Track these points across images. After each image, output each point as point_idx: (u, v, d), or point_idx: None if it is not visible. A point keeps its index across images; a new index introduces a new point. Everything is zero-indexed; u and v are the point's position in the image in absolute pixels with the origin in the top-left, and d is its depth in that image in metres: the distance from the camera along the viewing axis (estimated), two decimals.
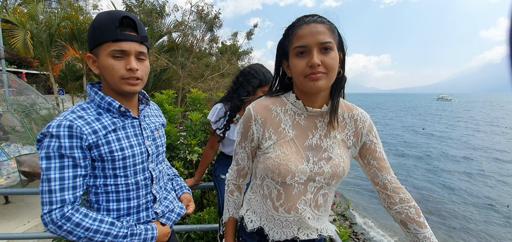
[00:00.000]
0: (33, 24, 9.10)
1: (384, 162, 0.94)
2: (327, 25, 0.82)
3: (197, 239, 2.13)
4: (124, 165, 0.95)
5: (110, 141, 0.91)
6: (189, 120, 2.76)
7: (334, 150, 0.91)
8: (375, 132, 0.95)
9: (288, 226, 0.95)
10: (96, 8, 14.05)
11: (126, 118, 0.98)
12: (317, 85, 0.81)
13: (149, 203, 1.05)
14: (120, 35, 0.87)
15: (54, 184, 0.82)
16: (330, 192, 0.97)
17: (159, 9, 11.59)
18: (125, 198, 0.98)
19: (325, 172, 0.89)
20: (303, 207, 0.92)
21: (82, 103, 0.94)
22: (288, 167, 0.88)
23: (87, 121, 0.88)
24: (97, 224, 0.88)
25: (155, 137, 1.09)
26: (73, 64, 12.00)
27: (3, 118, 6.67)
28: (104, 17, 0.88)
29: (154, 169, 1.07)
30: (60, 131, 0.83)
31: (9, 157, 4.88)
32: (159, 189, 1.10)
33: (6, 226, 4.25)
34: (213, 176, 1.89)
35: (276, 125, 0.93)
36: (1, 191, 2.08)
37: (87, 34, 5.39)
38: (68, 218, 0.83)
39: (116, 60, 0.89)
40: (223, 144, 1.92)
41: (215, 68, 12.50)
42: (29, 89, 7.68)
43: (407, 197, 0.91)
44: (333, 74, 0.83)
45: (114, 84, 0.91)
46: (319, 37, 0.80)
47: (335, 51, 0.82)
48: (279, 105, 0.94)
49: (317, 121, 0.93)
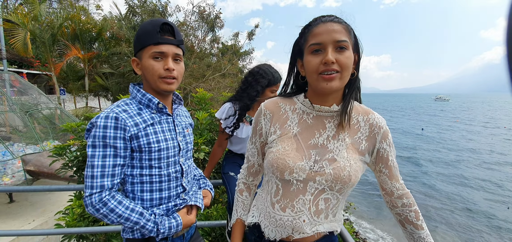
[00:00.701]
0: (35, 24, 9.14)
1: (395, 170, 0.94)
2: (344, 25, 0.84)
3: (204, 235, 2.17)
4: (159, 157, 1.04)
5: (148, 133, 1.01)
6: (195, 119, 2.81)
7: (341, 153, 0.88)
8: (389, 139, 0.92)
9: (282, 226, 0.92)
10: (99, 8, 14.08)
11: (162, 115, 1.09)
12: (329, 86, 0.81)
13: (179, 194, 1.14)
14: (160, 39, 0.98)
15: (96, 171, 0.92)
16: (334, 199, 0.89)
17: (161, 9, 11.62)
18: (158, 189, 1.07)
19: (326, 173, 0.85)
20: (300, 207, 0.89)
21: (125, 99, 1.05)
22: (286, 162, 0.88)
23: (130, 114, 0.99)
24: (128, 213, 0.96)
25: (185, 134, 1.20)
26: (75, 64, 12.02)
27: (5, 118, 6.70)
28: (147, 25, 1.00)
29: (184, 163, 1.16)
30: (107, 122, 0.93)
31: (14, 156, 4.90)
32: (187, 183, 1.19)
33: (11, 225, 4.28)
34: (222, 173, 1.93)
35: (282, 121, 0.95)
36: (6, 188, 2.11)
37: (87, 34, 5.52)
38: (104, 203, 0.93)
39: (156, 61, 1.00)
40: (231, 142, 1.97)
41: (216, 69, 12.53)
42: (32, 88, 7.70)
43: (410, 202, 0.94)
44: (347, 74, 0.83)
45: (154, 83, 1.02)
46: (335, 36, 0.80)
47: (350, 51, 0.83)
48: (289, 104, 0.97)
49: (326, 121, 0.91)
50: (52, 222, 4.34)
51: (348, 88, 0.91)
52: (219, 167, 2.58)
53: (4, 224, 4.27)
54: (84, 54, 10.55)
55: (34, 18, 9.20)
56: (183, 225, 1.09)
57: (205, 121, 2.69)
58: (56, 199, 5.16)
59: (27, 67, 13.96)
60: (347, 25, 0.85)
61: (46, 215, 4.62)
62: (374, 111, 0.94)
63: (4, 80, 7.69)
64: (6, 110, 6.52)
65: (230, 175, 1.82)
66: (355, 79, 0.90)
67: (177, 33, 1.04)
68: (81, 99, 13.27)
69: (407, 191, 0.96)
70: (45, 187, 2.11)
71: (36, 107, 6.94)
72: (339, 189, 0.87)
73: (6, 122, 6.84)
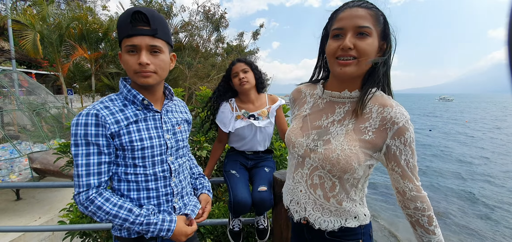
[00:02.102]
0: (43, 25, 9.29)
1: (409, 170, 0.88)
2: (371, 11, 0.81)
3: (206, 233, 2.15)
4: (142, 155, 0.99)
5: (130, 131, 0.97)
6: (198, 117, 2.81)
7: (338, 137, 0.89)
8: (405, 138, 0.84)
9: (286, 193, 1.07)
10: (105, 9, 14.26)
11: (149, 111, 1.04)
12: (343, 71, 0.82)
13: (169, 196, 1.09)
14: (131, 30, 0.90)
15: (81, 170, 0.90)
16: (328, 179, 0.92)
17: (167, 9, 11.72)
18: (144, 188, 1.02)
19: (318, 152, 0.91)
20: (299, 179, 1.00)
21: (111, 95, 1.01)
22: (290, 137, 1.00)
23: (111, 111, 0.95)
24: (116, 209, 0.94)
25: (176, 131, 1.13)
26: (82, 64, 12.19)
27: (13, 117, 6.83)
28: (121, 15, 0.94)
29: (173, 162, 1.10)
30: (88, 119, 0.90)
31: (21, 154, 4.98)
32: (178, 183, 1.13)
33: (18, 222, 4.34)
34: (223, 171, 1.92)
35: (301, 104, 1.06)
36: (12, 185, 2.14)
37: (94, 35, 5.53)
38: (91, 201, 0.91)
39: (130, 55, 0.93)
40: (231, 139, 1.96)
41: (221, 68, 12.57)
42: (40, 88, 7.83)
43: (424, 207, 0.88)
44: (365, 61, 0.81)
45: (131, 77, 0.98)
46: (357, 21, 0.79)
47: (373, 38, 0.81)
48: (310, 89, 1.05)
49: (337, 106, 0.94)
50: (57, 219, 4.39)
51: (368, 77, 0.88)
52: (221, 165, 2.57)
53: (11, 221, 4.34)
54: (90, 54, 10.68)
55: (42, 19, 9.35)
56: (176, 230, 1.02)
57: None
58: (62, 196, 5.22)
59: (36, 68, 14.21)
60: (375, 11, 0.82)
61: (52, 212, 4.67)
62: (395, 105, 0.86)
63: (13, 80, 7.84)
64: (15, 109, 6.64)
65: (231, 173, 1.81)
66: (377, 69, 0.86)
67: (154, 21, 0.92)
68: (88, 99, 13.44)
69: (423, 194, 0.89)
70: (49, 184, 2.14)
71: (44, 107, 7.05)
72: (329, 170, 0.89)
73: (14, 120, 6.97)
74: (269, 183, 1.73)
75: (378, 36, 0.83)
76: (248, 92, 1.84)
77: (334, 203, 0.93)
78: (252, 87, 1.85)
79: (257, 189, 1.65)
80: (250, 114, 1.83)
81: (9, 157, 5.07)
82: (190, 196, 1.23)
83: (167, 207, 1.08)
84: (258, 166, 1.90)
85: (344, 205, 0.93)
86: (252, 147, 1.90)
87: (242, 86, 1.79)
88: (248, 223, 1.94)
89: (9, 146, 5.43)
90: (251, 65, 1.86)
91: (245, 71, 1.81)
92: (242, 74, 1.79)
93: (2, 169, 4.85)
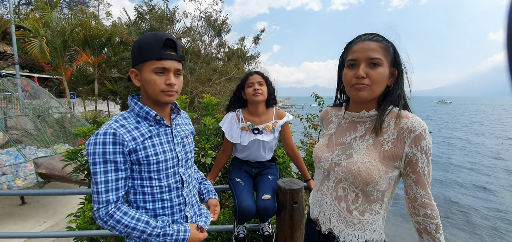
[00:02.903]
0: (47, 30, 9.39)
1: (423, 177, 0.93)
2: (381, 44, 0.94)
3: (211, 239, 2.20)
4: (157, 169, 1.06)
5: (146, 146, 1.04)
6: (202, 124, 2.86)
7: (359, 151, 0.98)
8: (423, 146, 0.90)
9: (315, 205, 1.14)
10: (109, 15, 14.40)
11: (160, 126, 1.11)
12: (359, 95, 0.95)
13: (181, 206, 1.16)
14: (163, 55, 1.00)
15: (101, 187, 0.96)
16: (351, 191, 0.99)
17: (169, 15, 11.83)
18: (159, 199, 1.09)
19: (341, 165, 1.00)
20: (325, 191, 1.07)
21: (123, 112, 1.07)
22: (317, 153, 1.12)
23: (127, 129, 1.01)
24: (134, 222, 1.00)
25: (185, 144, 1.21)
26: (85, 69, 12.28)
27: (17, 121, 6.89)
28: (150, 38, 1.01)
29: (184, 173, 1.17)
30: (106, 138, 0.96)
31: (27, 159, 5.03)
32: (189, 192, 1.20)
33: (23, 226, 4.38)
34: (228, 179, 1.97)
35: (328, 123, 1.19)
36: (19, 192, 2.19)
37: (97, 40, 5.57)
38: (111, 215, 0.97)
39: (158, 75, 1.02)
40: (236, 149, 2.02)
41: (223, 73, 12.64)
42: (44, 92, 7.90)
43: (433, 214, 0.93)
44: (377, 87, 0.94)
45: (155, 96, 1.04)
46: (369, 54, 0.92)
47: (384, 67, 0.93)
48: (336, 111, 1.17)
49: (359, 125, 1.04)
50: (62, 224, 4.43)
51: (383, 99, 1.00)
52: (226, 172, 2.62)
53: (16, 226, 4.38)
54: (93, 59, 10.79)
55: (45, 24, 9.45)
56: (190, 239, 1.09)
57: (212, 126, 2.74)
58: (67, 201, 5.27)
59: (38, 72, 14.32)
60: (385, 44, 0.95)
61: (57, 217, 4.72)
62: (411, 116, 0.94)
63: (16, 84, 7.92)
64: (18, 114, 6.71)
65: (236, 181, 1.86)
66: (391, 92, 0.99)
67: (179, 48, 1.06)
68: (90, 103, 13.52)
69: (433, 202, 0.95)
70: (58, 191, 2.18)
71: (48, 111, 7.11)
72: (352, 181, 0.97)
73: (18, 125, 7.03)
74: (273, 191, 1.78)
75: (389, 65, 0.95)
76: (258, 105, 1.89)
77: (356, 214, 0.99)
78: (263, 101, 1.90)
79: (261, 197, 1.71)
80: (255, 127, 1.87)
81: (14, 162, 5.12)
82: (200, 204, 1.31)
83: (180, 216, 1.15)
84: (262, 174, 1.96)
85: (366, 216, 0.99)
86: (256, 158, 1.96)
87: (255, 97, 1.83)
88: (253, 229, 1.99)
89: (14, 151, 5.49)
90: (266, 79, 1.91)
91: (261, 83, 1.86)
92: (258, 86, 1.83)
93: (7, 173, 4.90)
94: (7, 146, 5.80)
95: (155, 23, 11.17)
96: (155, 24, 11.15)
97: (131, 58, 1.07)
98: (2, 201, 5.16)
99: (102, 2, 20.45)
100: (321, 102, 3.66)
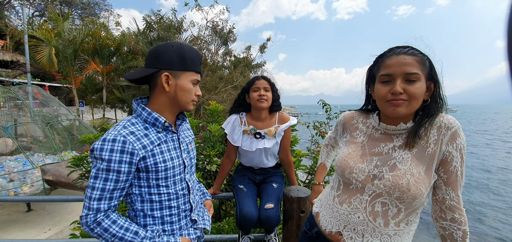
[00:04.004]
0: (58, 40, 9.64)
1: (454, 177, 0.87)
2: (417, 57, 0.88)
3: None
4: (165, 176, 1.04)
5: (155, 154, 1.01)
6: (207, 131, 2.83)
7: (404, 161, 0.90)
8: (458, 144, 0.87)
9: (336, 218, 1.01)
10: (118, 25, 14.75)
11: (168, 133, 1.08)
12: (397, 111, 0.88)
13: (187, 212, 1.14)
14: (200, 69, 1.11)
15: (95, 193, 0.92)
16: (393, 206, 0.90)
17: (177, 25, 12.04)
18: (167, 206, 1.06)
19: (385, 178, 0.90)
20: (357, 205, 0.96)
21: (130, 118, 1.04)
22: (347, 162, 1.00)
23: (137, 136, 0.97)
24: (122, 232, 0.95)
25: (189, 150, 1.20)
26: (94, 77, 12.52)
27: (27, 128, 7.01)
28: (193, 52, 1.07)
29: (189, 179, 1.16)
30: (114, 146, 0.92)
31: (34, 165, 5.08)
32: (194, 198, 1.18)
33: (28, 233, 4.39)
34: (232, 186, 1.92)
35: (352, 129, 1.10)
36: (24, 198, 2.18)
37: (107, 49, 5.67)
38: (98, 223, 0.92)
39: (193, 86, 1.09)
40: (239, 155, 1.97)
41: (229, 81, 12.71)
42: (53, 100, 8.05)
43: (461, 220, 0.87)
44: (415, 103, 0.87)
45: (185, 103, 1.08)
46: (406, 68, 0.86)
47: (421, 82, 0.87)
48: (363, 117, 1.09)
49: (394, 137, 0.96)
50: (67, 232, 4.42)
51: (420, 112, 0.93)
52: (231, 179, 2.57)
53: (21, 233, 4.39)
54: (102, 68, 10.99)
55: (58, 35, 9.71)
56: None
57: (217, 133, 2.71)
58: (72, 208, 5.28)
59: (49, 80, 14.66)
60: (421, 57, 0.88)
61: (62, 224, 4.72)
62: (446, 115, 0.91)
63: (27, 93, 8.10)
64: (28, 122, 6.82)
65: (239, 188, 1.81)
66: (429, 106, 0.92)
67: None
68: (99, 111, 13.73)
69: (462, 207, 0.88)
70: (63, 197, 2.16)
71: (56, 119, 7.22)
72: (398, 197, 0.88)
73: (27, 132, 7.15)
74: (277, 199, 1.72)
75: (425, 79, 0.88)
76: (262, 110, 1.85)
77: (393, 226, 0.92)
78: (267, 108, 1.86)
79: (264, 207, 1.65)
80: (257, 132, 1.83)
81: (22, 169, 5.18)
82: (203, 208, 1.32)
83: (186, 221, 1.13)
84: (266, 181, 1.90)
85: (402, 226, 0.93)
86: (259, 164, 1.91)
87: (260, 103, 1.79)
88: (258, 239, 1.92)
89: (22, 158, 5.56)
90: (273, 86, 1.87)
91: (266, 89, 1.81)
92: (263, 92, 1.79)
93: (14, 180, 4.95)
94: (16, 153, 5.88)
95: (163, 33, 11.39)
96: (163, 33, 11.36)
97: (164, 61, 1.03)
98: (9, 208, 5.20)
99: (112, 13, 21.02)
100: (328, 109, 3.60)
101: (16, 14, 19.32)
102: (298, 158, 2.62)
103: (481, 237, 9.26)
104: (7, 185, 4.72)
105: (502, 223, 10.18)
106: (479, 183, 14.97)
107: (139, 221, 1.05)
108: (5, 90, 7.02)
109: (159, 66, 1.02)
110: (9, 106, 7.19)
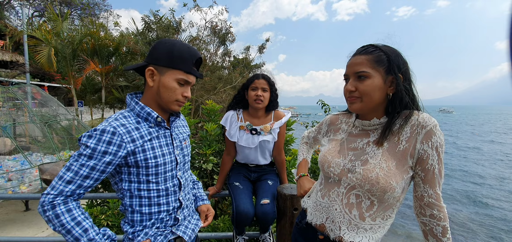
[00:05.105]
0: (57, 40, 9.65)
1: (432, 174, 0.89)
2: (370, 56, 0.94)
3: None
4: (156, 172, 1.02)
5: (145, 149, 1.00)
6: (204, 131, 2.84)
7: (375, 156, 0.94)
8: (434, 142, 0.88)
9: (319, 210, 1.08)
10: (117, 25, 14.77)
11: (160, 129, 1.07)
12: (352, 108, 0.99)
13: (175, 209, 1.11)
14: (192, 70, 1.05)
15: (68, 174, 0.89)
16: (366, 199, 0.95)
17: (176, 25, 12.06)
18: (156, 203, 1.04)
19: (356, 172, 0.95)
20: (334, 197, 1.02)
21: (123, 111, 1.03)
22: (326, 157, 1.07)
23: (128, 129, 0.96)
24: (72, 225, 0.88)
25: (183, 147, 1.18)
26: (93, 77, 12.53)
27: (26, 128, 7.01)
28: (185, 50, 1.03)
29: (181, 176, 1.14)
30: (103, 136, 0.91)
31: (32, 165, 5.09)
32: (184, 196, 1.16)
33: (26, 232, 4.40)
34: (228, 184, 1.94)
35: (336, 129, 1.16)
36: (22, 195, 2.19)
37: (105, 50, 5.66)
38: (53, 206, 0.86)
39: (179, 86, 1.04)
40: (236, 151, 1.98)
41: (228, 81, 12.73)
42: (52, 100, 8.05)
43: (440, 216, 0.90)
44: (368, 98, 0.94)
45: (167, 103, 1.04)
46: (355, 68, 0.95)
47: (372, 79, 0.92)
48: (346, 118, 1.16)
49: (370, 132, 1.02)
50: None
51: (390, 106, 0.96)
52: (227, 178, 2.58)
53: (19, 232, 4.40)
54: (101, 68, 11.00)
55: (57, 35, 9.72)
56: None
57: (213, 132, 2.72)
58: None
59: (48, 81, 14.68)
60: (376, 54, 0.94)
61: None
62: (421, 113, 0.94)
63: (26, 92, 8.11)
64: (27, 121, 6.83)
65: (234, 185, 1.83)
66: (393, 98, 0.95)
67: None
68: (97, 111, 13.74)
69: (441, 204, 0.90)
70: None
71: (55, 119, 7.23)
72: (368, 189, 0.92)
73: (26, 132, 7.16)
74: (273, 196, 1.73)
75: (382, 74, 0.93)
76: (258, 110, 1.88)
77: (369, 221, 0.96)
78: (263, 108, 1.88)
79: (260, 202, 1.66)
80: (253, 128, 1.86)
81: (20, 168, 5.19)
82: (194, 210, 1.27)
83: (170, 218, 1.10)
84: (261, 179, 1.92)
85: (378, 221, 0.96)
86: (254, 160, 1.92)
87: (256, 103, 1.81)
88: (253, 237, 1.93)
89: (20, 157, 5.57)
90: (272, 86, 1.88)
91: (265, 90, 1.82)
92: (260, 92, 1.80)
93: (12, 179, 4.96)
94: (15, 153, 5.89)
95: (162, 33, 11.40)
96: (162, 33, 11.38)
97: (153, 56, 1.02)
98: (7, 207, 5.20)
99: (112, 13, 21.04)
100: (327, 109, 3.63)
101: (16, 14, 19.36)
102: (294, 156, 2.64)
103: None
104: (5, 184, 4.73)
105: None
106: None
107: (127, 217, 1.04)
108: (4, 90, 7.03)
109: (148, 60, 1.03)
110: (8, 106, 7.21)
